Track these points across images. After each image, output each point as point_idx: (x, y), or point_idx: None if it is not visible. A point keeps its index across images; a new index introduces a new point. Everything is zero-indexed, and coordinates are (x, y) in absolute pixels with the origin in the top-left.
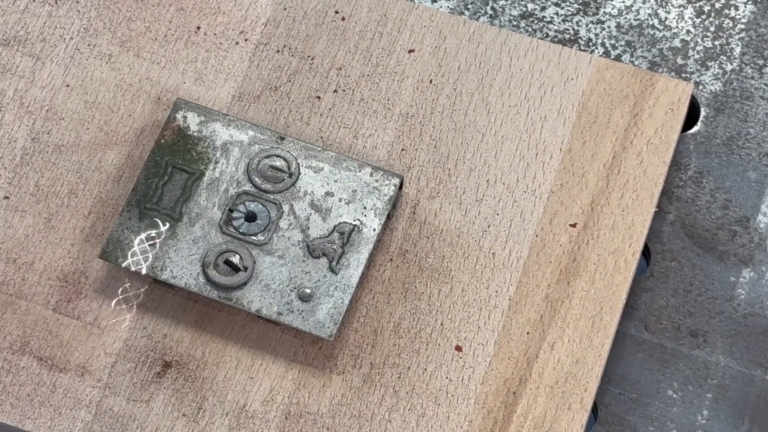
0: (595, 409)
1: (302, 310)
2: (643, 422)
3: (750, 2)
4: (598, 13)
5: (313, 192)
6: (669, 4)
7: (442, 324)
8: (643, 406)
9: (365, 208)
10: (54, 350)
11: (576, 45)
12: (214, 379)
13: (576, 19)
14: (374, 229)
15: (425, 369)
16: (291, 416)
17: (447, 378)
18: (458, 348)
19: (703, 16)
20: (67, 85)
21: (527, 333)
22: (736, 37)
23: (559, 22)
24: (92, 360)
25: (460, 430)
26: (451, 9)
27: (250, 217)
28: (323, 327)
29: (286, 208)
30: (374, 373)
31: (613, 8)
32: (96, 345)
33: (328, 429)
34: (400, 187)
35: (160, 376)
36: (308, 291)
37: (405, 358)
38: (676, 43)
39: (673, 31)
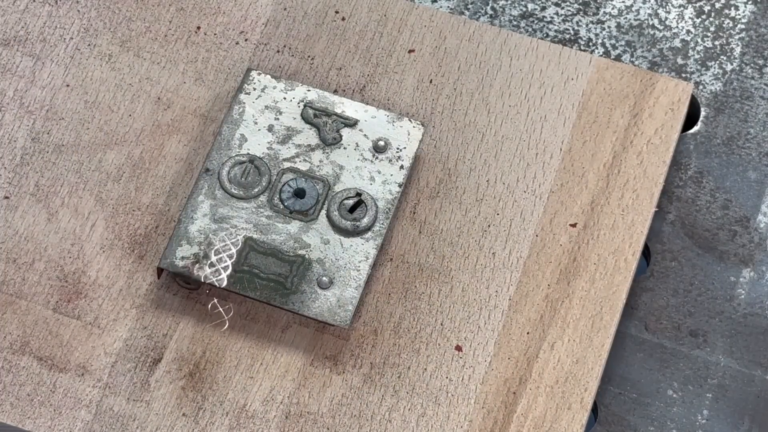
0: (595, 409)
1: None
2: (643, 422)
3: (750, 2)
4: (598, 13)
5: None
6: (669, 4)
7: (442, 324)
8: (643, 406)
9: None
10: (54, 350)
11: (576, 45)
12: (214, 379)
13: (576, 19)
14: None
15: (425, 369)
16: (291, 416)
17: (447, 378)
18: (458, 348)
19: (703, 16)
20: (67, 85)
21: (527, 333)
22: (736, 37)
23: (559, 22)
24: (92, 360)
25: (460, 429)
26: (451, 9)
27: (299, 193)
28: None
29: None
30: (374, 373)
31: (613, 8)
32: (96, 345)
33: (328, 429)
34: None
35: (161, 376)
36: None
37: (405, 358)
38: (676, 43)
39: (674, 31)
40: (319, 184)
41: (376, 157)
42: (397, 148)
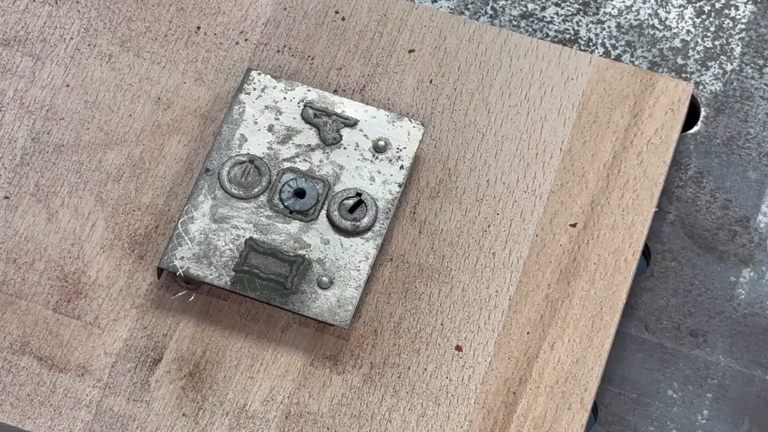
0: (595, 409)
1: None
2: (643, 422)
3: (750, 2)
4: (598, 13)
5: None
6: (669, 4)
7: (442, 324)
8: (643, 406)
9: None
10: (54, 350)
11: (576, 45)
12: (214, 379)
13: (576, 19)
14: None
15: (425, 369)
16: (291, 416)
17: (447, 378)
18: (458, 348)
19: (704, 16)
20: (67, 85)
21: (527, 333)
22: (737, 37)
23: (559, 22)
24: (92, 360)
25: (460, 430)
26: (451, 9)
27: (299, 193)
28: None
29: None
30: (374, 373)
31: (613, 8)
32: (96, 345)
33: (328, 429)
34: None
35: (161, 376)
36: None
37: (405, 358)
38: (676, 43)
39: (674, 31)
40: (319, 184)
41: (376, 157)
42: (397, 148)
